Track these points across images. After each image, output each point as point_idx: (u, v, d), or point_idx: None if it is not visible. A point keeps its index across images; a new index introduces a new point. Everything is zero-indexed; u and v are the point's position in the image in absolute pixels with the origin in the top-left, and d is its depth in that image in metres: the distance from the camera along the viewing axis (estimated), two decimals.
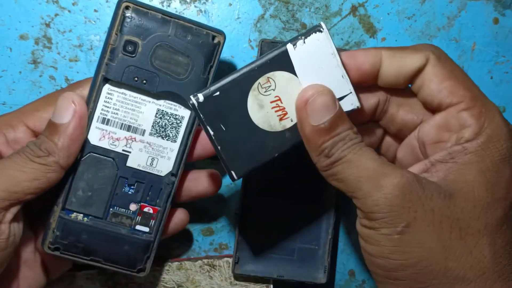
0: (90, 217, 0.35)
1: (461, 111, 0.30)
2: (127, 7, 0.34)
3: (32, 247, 0.37)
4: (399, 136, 0.35)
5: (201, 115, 0.31)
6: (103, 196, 0.35)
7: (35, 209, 0.36)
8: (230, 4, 0.42)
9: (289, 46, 0.31)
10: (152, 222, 0.36)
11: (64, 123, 0.33)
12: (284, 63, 0.31)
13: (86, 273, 0.41)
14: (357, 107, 0.32)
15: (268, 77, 0.31)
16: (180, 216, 0.39)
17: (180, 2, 0.42)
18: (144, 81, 0.34)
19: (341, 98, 0.32)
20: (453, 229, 0.29)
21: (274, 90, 0.31)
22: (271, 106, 0.32)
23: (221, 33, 0.35)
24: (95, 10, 0.41)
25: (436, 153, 0.31)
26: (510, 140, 0.30)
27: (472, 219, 0.29)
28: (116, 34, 0.34)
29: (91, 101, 0.34)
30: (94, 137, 0.35)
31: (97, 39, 0.41)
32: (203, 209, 0.44)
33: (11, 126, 0.34)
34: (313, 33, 0.31)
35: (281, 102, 0.32)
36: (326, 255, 0.42)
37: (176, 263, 0.43)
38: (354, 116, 0.33)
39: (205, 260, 0.43)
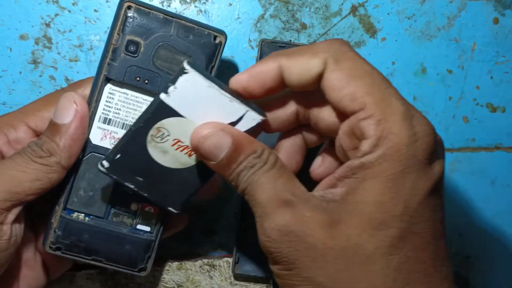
0: (91, 216, 0.35)
1: (360, 120, 0.28)
2: (129, 7, 0.34)
3: (32, 247, 0.37)
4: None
5: (115, 177, 0.32)
6: (104, 195, 0.35)
7: (35, 209, 0.36)
8: (230, 4, 0.42)
9: (162, 96, 0.31)
10: (153, 221, 0.36)
11: (65, 123, 0.33)
12: (167, 111, 0.32)
13: (86, 273, 0.41)
14: (261, 119, 0.32)
15: (158, 128, 0.32)
16: (179, 216, 0.39)
17: (180, 2, 0.42)
18: (146, 81, 0.34)
19: (238, 120, 0.32)
20: (338, 260, 0.27)
21: (169, 135, 0.32)
22: (174, 148, 0.33)
23: (222, 33, 0.35)
24: (95, 10, 0.41)
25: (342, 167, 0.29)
26: (410, 149, 0.27)
27: (359, 246, 0.27)
28: (118, 34, 0.34)
29: (93, 100, 0.34)
30: (96, 137, 0.35)
31: (97, 39, 0.41)
32: (203, 209, 0.44)
33: (12, 126, 0.35)
34: (180, 77, 0.31)
35: (182, 142, 0.32)
36: None
37: (176, 263, 0.43)
38: (279, 125, 0.33)
39: (205, 260, 0.43)
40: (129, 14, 0.34)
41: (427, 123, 0.28)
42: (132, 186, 0.33)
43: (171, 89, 0.31)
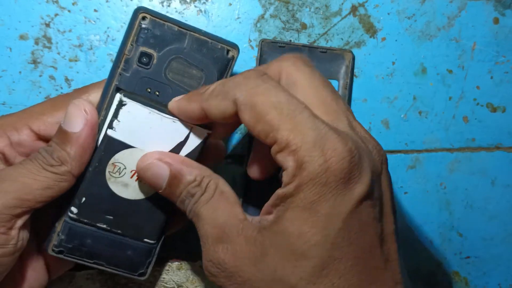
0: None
1: (276, 153, 0.28)
2: (144, 18, 0.33)
3: (34, 248, 0.37)
4: None
5: (85, 221, 0.34)
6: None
7: (39, 210, 0.36)
8: (230, 4, 0.42)
9: (109, 132, 0.33)
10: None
11: (76, 132, 0.32)
12: (117, 145, 0.33)
13: (86, 273, 0.41)
14: (207, 133, 0.34)
15: (113, 163, 0.33)
16: (178, 215, 0.39)
17: (180, 2, 0.42)
18: (157, 93, 0.34)
19: (186, 139, 0.33)
20: None
21: (126, 168, 0.34)
22: (133, 180, 0.34)
23: (235, 47, 0.35)
24: (95, 10, 0.41)
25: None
26: (323, 175, 0.27)
27: (284, 277, 0.28)
28: (131, 44, 0.33)
29: (102, 109, 0.34)
30: None
31: (97, 39, 0.41)
32: None
33: (15, 128, 0.34)
34: (120, 110, 0.33)
35: None
36: None
37: (176, 263, 0.43)
38: (228, 130, 0.35)
39: None
40: (144, 25, 0.33)
41: (341, 145, 0.27)
42: (104, 226, 0.34)
43: (115, 123, 0.33)
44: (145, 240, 0.35)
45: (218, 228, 0.30)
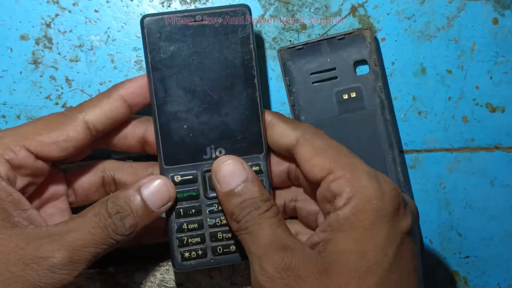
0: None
1: (330, 182, 0.31)
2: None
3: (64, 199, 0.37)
4: None
5: None
6: None
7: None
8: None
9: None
10: None
11: (156, 211, 0.34)
12: None
13: (86, 273, 0.41)
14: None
15: None
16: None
17: (180, 2, 0.42)
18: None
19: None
20: None
21: None
22: None
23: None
24: (96, 11, 0.41)
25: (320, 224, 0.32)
26: (380, 200, 0.30)
27: None
28: None
29: None
30: None
31: (98, 39, 0.42)
32: None
33: (12, 151, 0.33)
34: None
35: None
36: None
37: None
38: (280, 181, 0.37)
39: None
40: None
41: (391, 181, 0.32)
42: None
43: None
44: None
45: (280, 241, 0.31)
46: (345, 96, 0.42)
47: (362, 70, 0.42)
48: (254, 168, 0.35)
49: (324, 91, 0.42)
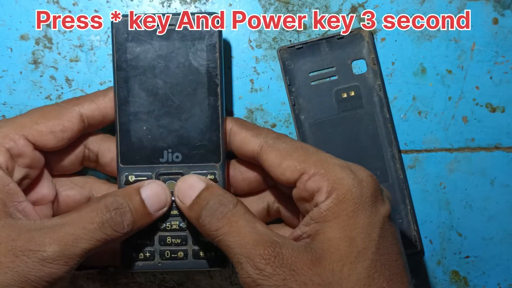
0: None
1: (306, 182, 0.32)
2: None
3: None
4: None
5: None
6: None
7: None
8: (230, 4, 0.42)
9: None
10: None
11: (153, 213, 0.34)
12: None
13: (86, 273, 0.41)
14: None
15: None
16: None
17: (180, 2, 0.42)
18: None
19: None
20: None
21: None
22: None
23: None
24: (96, 11, 0.41)
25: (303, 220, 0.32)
26: (358, 188, 0.31)
27: (344, 279, 0.29)
28: None
29: None
30: None
31: (98, 39, 0.42)
32: None
33: (12, 140, 0.34)
34: None
35: None
36: None
37: None
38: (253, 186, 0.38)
39: None
40: None
41: (365, 169, 0.32)
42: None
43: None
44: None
45: (264, 237, 0.31)
46: (344, 95, 0.42)
47: (361, 69, 0.42)
48: (209, 177, 0.35)
49: (323, 90, 0.42)
